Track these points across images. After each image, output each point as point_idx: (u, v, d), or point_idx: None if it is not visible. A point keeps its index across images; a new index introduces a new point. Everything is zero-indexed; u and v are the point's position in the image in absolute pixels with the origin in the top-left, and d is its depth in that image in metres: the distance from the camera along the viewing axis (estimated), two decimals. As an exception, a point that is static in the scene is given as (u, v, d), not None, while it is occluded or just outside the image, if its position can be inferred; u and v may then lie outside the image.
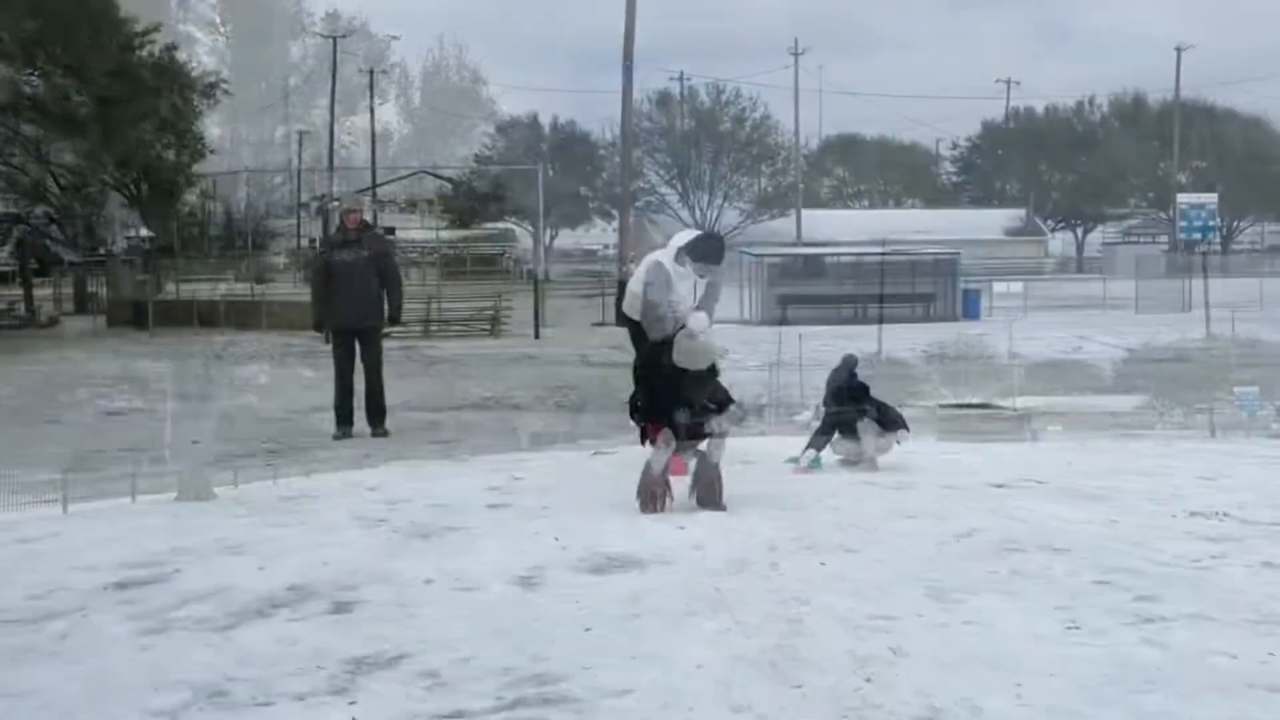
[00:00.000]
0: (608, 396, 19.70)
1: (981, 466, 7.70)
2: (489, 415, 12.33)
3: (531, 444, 9.11)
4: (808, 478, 7.31)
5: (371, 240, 10.27)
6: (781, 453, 8.22)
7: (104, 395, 19.83)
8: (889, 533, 5.52)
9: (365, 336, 10.05)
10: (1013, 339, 30.92)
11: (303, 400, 19.09)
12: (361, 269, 10.02)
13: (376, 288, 10.03)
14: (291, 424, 11.05)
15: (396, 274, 10.38)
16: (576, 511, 6.24)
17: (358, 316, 9.99)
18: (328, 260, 10.31)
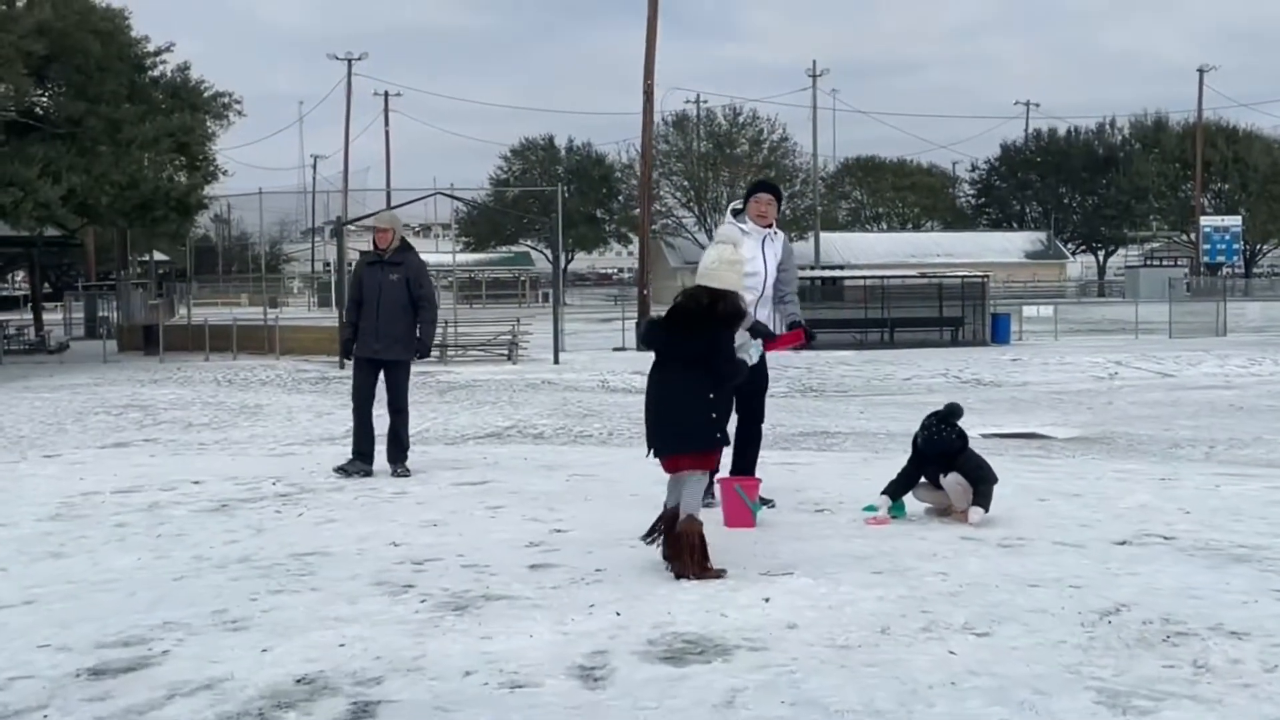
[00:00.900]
0: (634, 425, 18.86)
1: (1085, 515, 6.77)
2: (513, 449, 11.43)
3: (566, 483, 8.17)
4: (893, 531, 6.40)
5: (408, 262, 9.10)
6: (852, 498, 7.30)
7: (108, 424, 19.05)
8: (1017, 608, 4.62)
9: (390, 369, 9.07)
10: (1047, 365, 30.13)
11: (315, 429, 18.30)
12: (391, 292, 8.94)
13: (407, 314, 8.97)
14: (303, 459, 10.15)
15: (431, 299, 9.21)
16: (635, 574, 5.35)
17: (383, 346, 8.96)
18: (360, 278, 9.33)
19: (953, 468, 6.68)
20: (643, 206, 39.09)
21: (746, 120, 76.34)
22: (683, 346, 5.76)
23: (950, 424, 6.80)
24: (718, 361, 5.76)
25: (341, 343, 9.44)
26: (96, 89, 30.18)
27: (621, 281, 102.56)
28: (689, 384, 5.71)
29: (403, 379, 9.13)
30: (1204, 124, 79.81)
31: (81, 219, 32.42)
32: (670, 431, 5.80)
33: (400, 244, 9.19)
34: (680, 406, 5.75)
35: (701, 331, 5.74)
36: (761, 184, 7.79)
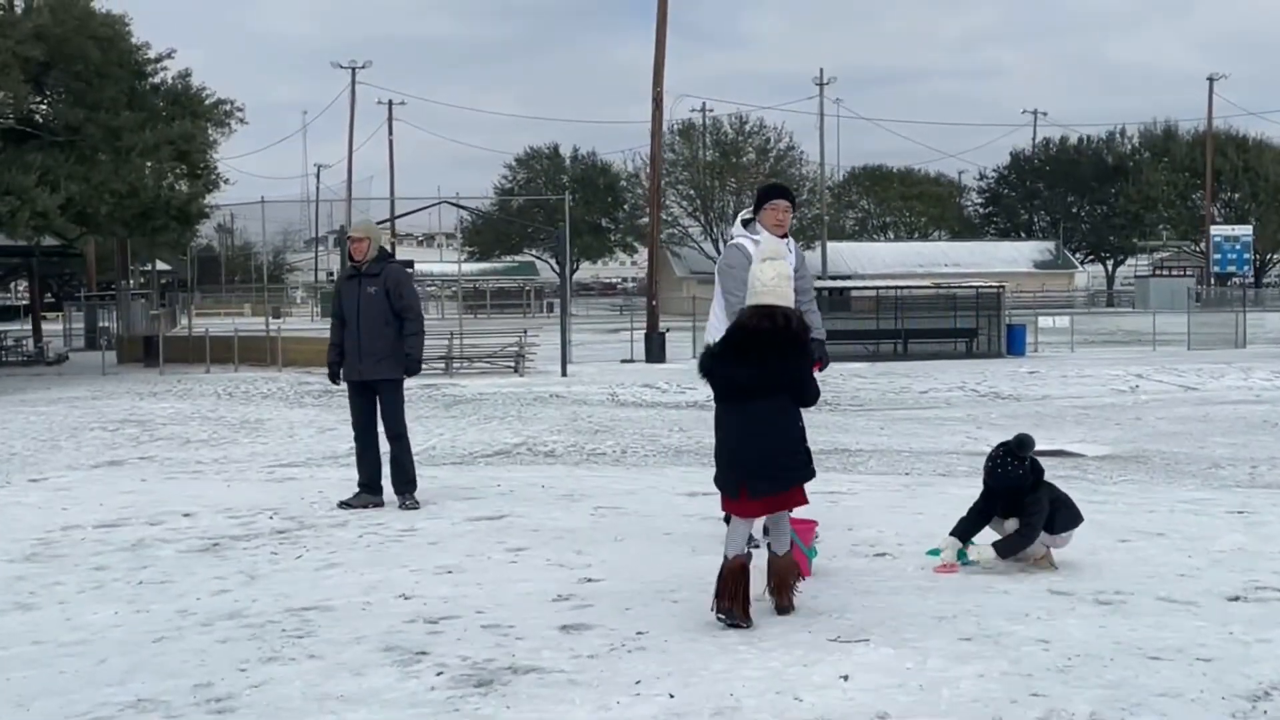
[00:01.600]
0: (649, 442, 18.20)
1: (1179, 562, 6.07)
2: (528, 474, 10.73)
3: (591, 519, 7.46)
4: (969, 582, 5.69)
5: (386, 273, 8.32)
6: (911, 538, 6.59)
7: (103, 441, 18.37)
8: (1145, 690, 3.92)
9: (380, 390, 8.31)
10: (1066, 378, 29.41)
11: (317, 447, 17.61)
12: (370, 307, 8.19)
13: (390, 329, 8.21)
14: (304, 485, 9.46)
15: (415, 310, 8.37)
16: (683, 638, 4.65)
17: (367, 366, 8.21)
18: (339, 293, 8.64)
19: (1020, 507, 5.99)
20: (652, 215, 38.42)
21: (753, 129, 75.74)
22: (766, 374, 5.29)
23: (1020, 457, 6.09)
24: (804, 388, 5.39)
25: (328, 365, 8.58)
26: (96, 96, 29.54)
27: (626, 291, 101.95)
28: (779, 416, 5.28)
29: (395, 400, 8.38)
30: (1214, 133, 79.11)
31: (80, 228, 31.71)
32: (768, 471, 5.29)
33: (378, 253, 8.44)
34: (776, 442, 5.29)
35: (782, 356, 5.32)
36: (776, 189, 7.12)
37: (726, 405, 5.48)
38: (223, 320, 54.65)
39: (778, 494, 5.32)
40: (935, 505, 7.24)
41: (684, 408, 24.58)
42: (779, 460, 5.27)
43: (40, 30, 28.65)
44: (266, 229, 75.98)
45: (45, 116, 31.38)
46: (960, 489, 8.83)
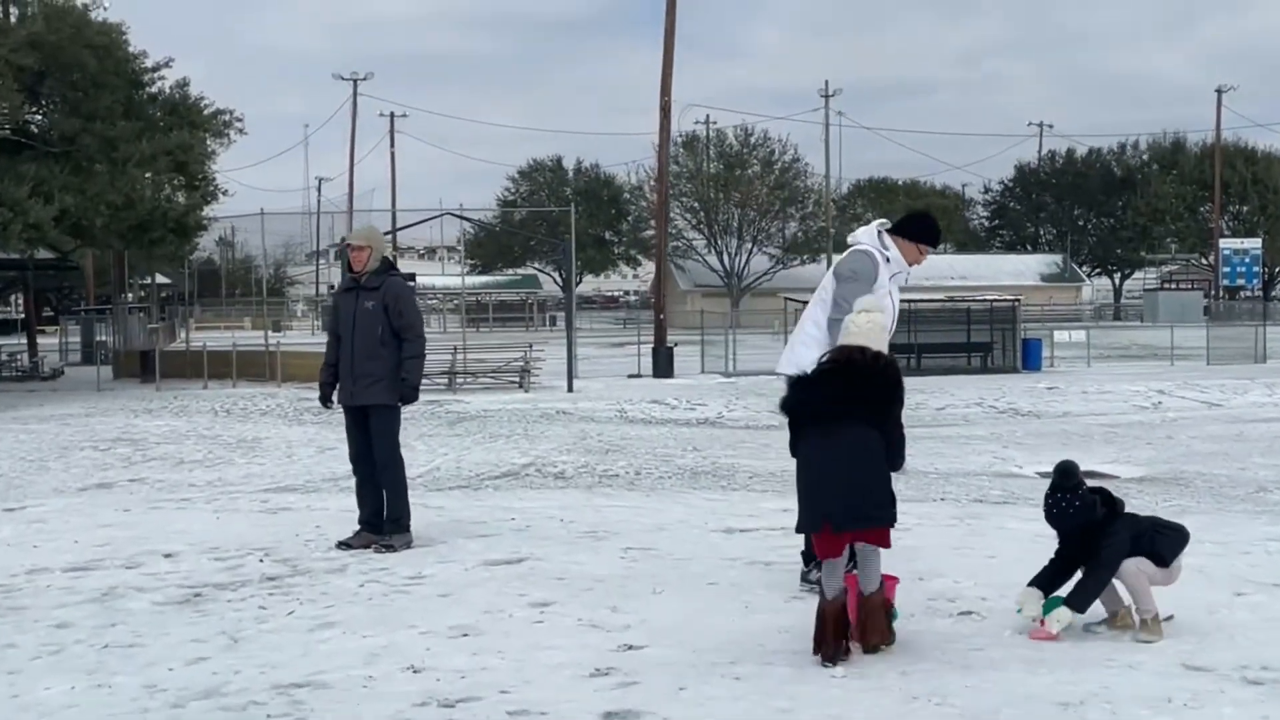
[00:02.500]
0: (662, 463, 17.42)
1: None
2: (543, 503, 9.95)
3: (622, 563, 6.67)
4: (1080, 651, 4.90)
5: (387, 286, 7.48)
6: (991, 586, 5.79)
7: (94, 461, 17.60)
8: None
9: (371, 415, 7.48)
10: (1086, 394, 28.61)
11: (316, 468, 16.83)
12: (366, 323, 7.37)
13: (387, 349, 7.39)
14: (300, 517, 8.67)
15: (416, 329, 7.50)
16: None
17: (359, 389, 7.42)
18: (335, 307, 7.83)
19: (1100, 549, 5.20)
20: (659, 226, 37.72)
21: (758, 141, 75.07)
22: (852, 401, 5.11)
23: (1071, 490, 5.31)
24: (893, 426, 5.15)
25: (319, 385, 7.81)
26: (91, 105, 28.85)
27: (628, 304, 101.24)
28: (864, 447, 5.05)
29: (386, 427, 7.49)
30: (1222, 145, 78.44)
31: (75, 241, 30.99)
32: (851, 501, 5.03)
33: (380, 264, 7.59)
34: (859, 472, 5.04)
35: (871, 385, 5.17)
36: (936, 232, 6.65)
37: (809, 435, 5.20)
38: (222, 334, 53.91)
39: (860, 529, 5.05)
40: (1005, 545, 6.47)
41: (695, 425, 23.81)
42: (861, 492, 5.03)
43: (35, 38, 27.96)
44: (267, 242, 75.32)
45: (40, 126, 30.69)
46: (1021, 522, 8.06)
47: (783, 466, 17.71)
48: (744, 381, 32.14)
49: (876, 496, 5.02)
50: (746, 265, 73.24)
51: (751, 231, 73.55)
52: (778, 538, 7.13)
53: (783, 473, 17.01)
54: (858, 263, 6.21)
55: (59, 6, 29.24)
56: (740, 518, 8.21)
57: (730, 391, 29.61)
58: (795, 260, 73.09)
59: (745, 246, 73.53)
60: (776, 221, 74.24)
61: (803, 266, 73.17)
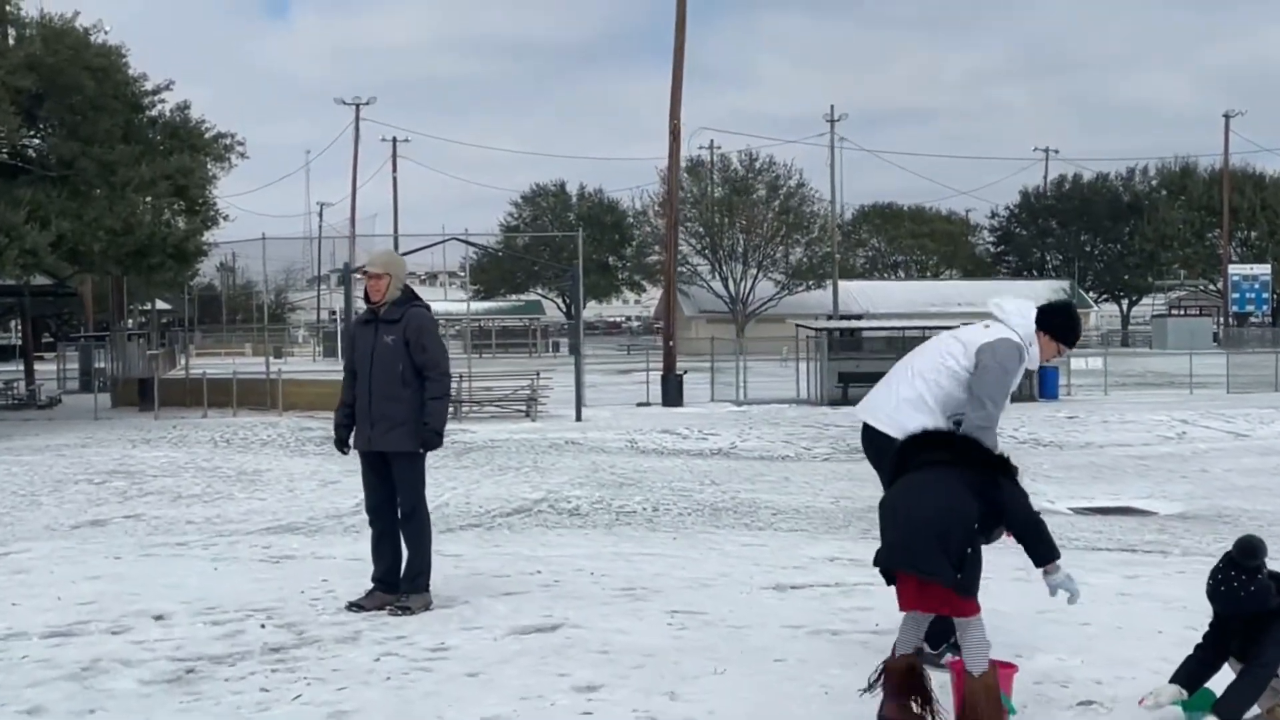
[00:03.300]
0: (681, 498, 16.73)
1: None
2: (569, 551, 9.24)
3: (669, 630, 5.94)
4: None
5: (408, 318, 6.74)
6: (1102, 663, 5.07)
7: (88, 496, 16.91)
8: None
9: (393, 462, 6.74)
10: (1108, 423, 27.91)
11: (320, 503, 16.14)
12: (385, 359, 6.66)
13: (408, 389, 6.65)
14: (306, 567, 7.97)
15: (440, 366, 6.75)
16: None
17: (377, 433, 6.68)
18: (352, 341, 7.11)
19: (1264, 644, 4.49)
20: (669, 251, 37.09)
21: (763, 166, 74.56)
22: (950, 448, 4.79)
23: (1250, 571, 4.58)
24: (1001, 494, 4.65)
25: (334, 428, 7.07)
26: (90, 129, 28.27)
27: (630, 330, 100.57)
28: (945, 487, 4.61)
29: (411, 475, 6.76)
30: (1230, 170, 77.93)
31: (72, 266, 30.38)
32: (913, 540, 4.55)
33: (401, 294, 6.86)
34: (930, 511, 4.56)
35: (976, 449, 4.82)
36: (1078, 333, 5.90)
37: (905, 474, 4.86)
38: (223, 361, 53.27)
39: (919, 575, 4.52)
40: (1094, 608, 5.75)
41: (708, 456, 23.14)
42: (928, 531, 4.49)
43: (32, 60, 27.41)
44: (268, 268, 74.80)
45: (38, 150, 30.12)
46: (1091, 574, 7.35)
47: (806, 502, 17.08)
48: (756, 410, 31.47)
49: (935, 545, 4.44)
50: (751, 291, 72.64)
51: (756, 257, 72.98)
52: (837, 597, 6.45)
53: (806, 509, 16.36)
54: (1009, 357, 5.45)
55: (58, 28, 28.69)
56: (787, 570, 7.51)
57: (742, 421, 28.95)
58: (800, 286, 72.47)
59: (750, 272, 72.93)
60: (782, 247, 73.67)
61: (808, 292, 72.55)
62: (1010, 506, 4.65)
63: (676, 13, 33.23)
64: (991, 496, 4.59)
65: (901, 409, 5.42)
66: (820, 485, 18.34)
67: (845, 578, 7.14)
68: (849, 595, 6.51)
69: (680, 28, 33.31)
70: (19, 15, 28.78)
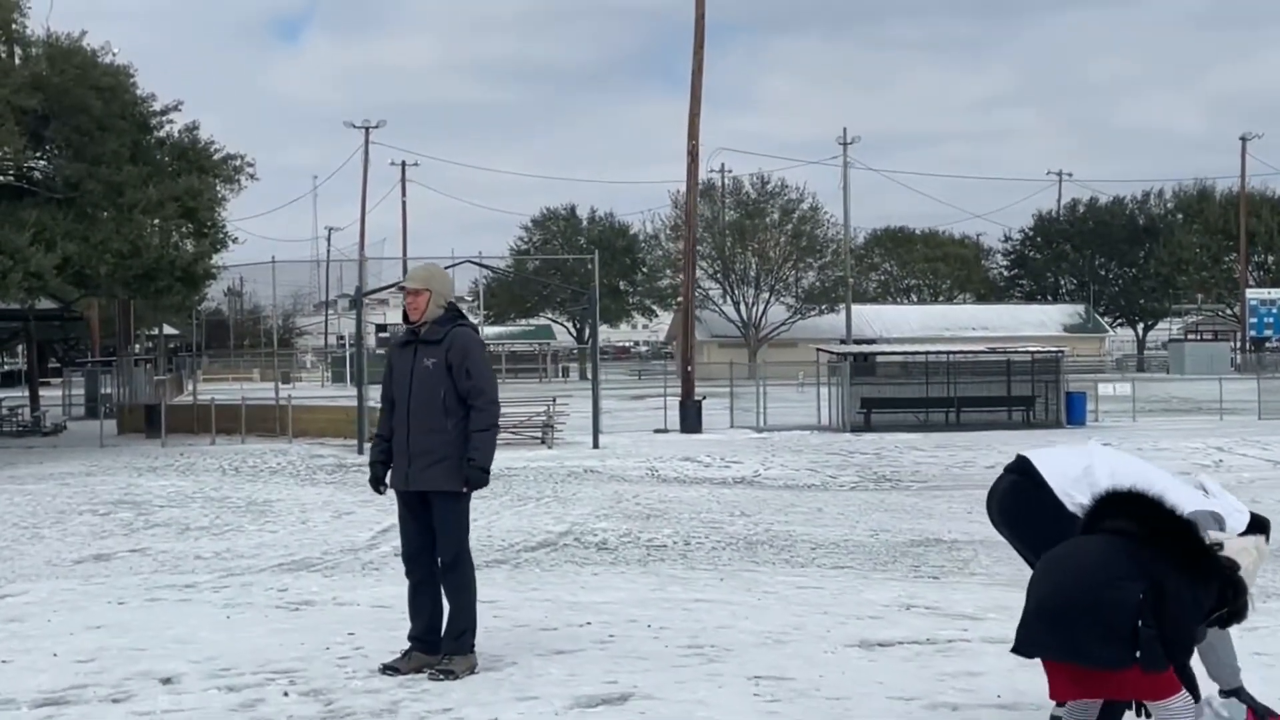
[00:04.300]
0: (712, 530, 15.98)
1: None
2: (604, 589, 8.51)
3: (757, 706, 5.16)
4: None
5: (452, 339, 5.98)
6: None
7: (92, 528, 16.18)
8: None
9: (434, 503, 5.95)
10: (1142, 450, 27.13)
11: (334, 536, 15.39)
12: (425, 385, 5.91)
13: (451, 419, 5.90)
14: (328, 621, 7.21)
15: (487, 393, 5.97)
16: None
17: (415, 469, 5.91)
18: (389, 367, 6.33)
19: None
20: (687, 273, 36.47)
21: (775, 189, 73.97)
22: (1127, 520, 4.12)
23: None
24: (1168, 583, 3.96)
25: (370, 465, 6.29)
26: (97, 149, 27.71)
27: (639, 355, 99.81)
28: (1104, 557, 3.99)
29: (451, 519, 5.94)
30: (1247, 194, 77.18)
31: (79, 290, 29.74)
32: (1058, 618, 3.92)
33: (444, 312, 6.11)
34: (1083, 581, 3.93)
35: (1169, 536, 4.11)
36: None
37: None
38: (230, 386, 52.62)
39: (1068, 662, 3.89)
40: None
41: (731, 484, 22.41)
42: (1080, 606, 3.86)
43: (38, 79, 26.86)
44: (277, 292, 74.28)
45: (44, 172, 29.55)
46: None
47: (843, 535, 16.30)
48: (777, 437, 30.71)
49: (1094, 615, 3.82)
50: (764, 315, 71.95)
51: (769, 281, 72.32)
52: (934, 658, 5.70)
53: (845, 542, 15.59)
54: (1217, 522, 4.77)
55: (64, 47, 28.15)
56: (862, 621, 6.75)
57: (764, 448, 28.21)
58: (813, 310, 71.76)
59: (762, 296, 72.25)
60: (794, 271, 73.00)
61: (821, 317, 71.84)
62: (1172, 604, 3.91)
63: (695, 34, 32.68)
64: (1158, 580, 3.87)
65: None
66: (855, 517, 17.58)
67: (933, 632, 6.40)
68: (947, 655, 5.76)
69: (699, 48, 32.75)
70: (25, 34, 28.26)
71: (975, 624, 6.66)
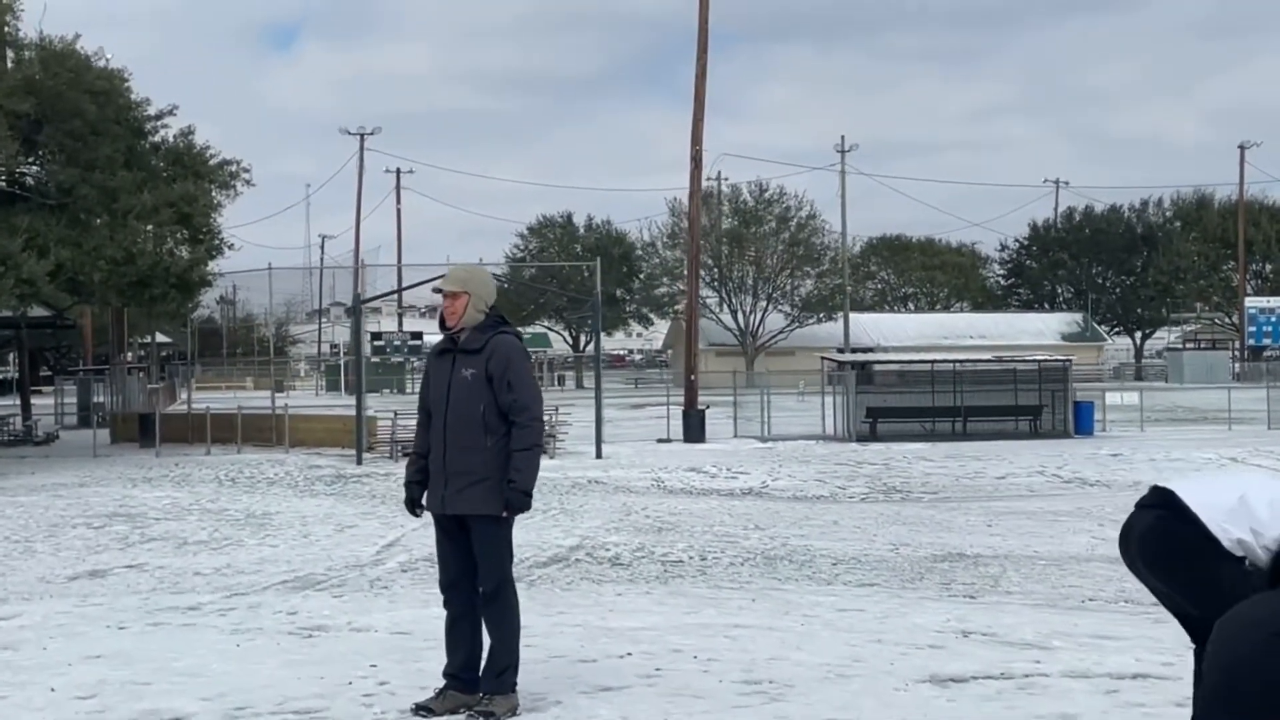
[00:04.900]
0: (728, 544, 15.50)
1: None
2: (637, 611, 8.03)
3: None
4: None
5: (493, 348, 5.46)
6: None
7: (86, 542, 15.65)
8: None
9: (473, 527, 5.45)
10: (1155, 461, 26.69)
11: (337, 551, 14.87)
12: (462, 398, 5.41)
13: (492, 436, 5.38)
14: (345, 651, 6.71)
15: (531, 409, 5.52)
16: None
17: (451, 491, 5.42)
18: (426, 378, 5.79)
19: None
20: (690, 279, 36.00)
21: (773, 197, 73.52)
22: None
23: None
24: None
25: (405, 485, 5.74)
26: (91, 155, 27.17)
27: (634, 364, 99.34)
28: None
29: (492, 546, 5.44)
30: (1246, 202, 76.93)
31: (71, 297, 29.20)
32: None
33: (485, 317, 5.58)
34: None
35: None
36: None
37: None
38: (224, 395, 52.06)
39: None
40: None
41: (740, 495, 21.91)
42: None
43: (30, 83, 26.33)
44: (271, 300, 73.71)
45: (36, 178, 29.02)
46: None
47: (862, 549, 15.79)
48: (782, 447, 30.22)
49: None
50: (761, 324, 71.49)
51: (766, 289, 71.86)
52: (1017, 695, 5.23)
53: (865, 557, 15.09)
54: None
55: (58, 51, 27.61)
56: (924, 651, 6.27)
57: (770, 458, 27.71)
58: (811, 319, 71.32)
59: (760, 304, 71.80)
60: (792, 279, 72.56)
61: (819, 325, 71.40)
62: None
63: (699, 38, 32.23)
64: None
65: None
66: (873, 530, 17.09)
67: (1004, 664, 5.93)
68: (1031, 693, 5.29)
69: (702, 52, 32.30)
70: (17, 37, 27.73)
71: (1046, 654, 6.19)
